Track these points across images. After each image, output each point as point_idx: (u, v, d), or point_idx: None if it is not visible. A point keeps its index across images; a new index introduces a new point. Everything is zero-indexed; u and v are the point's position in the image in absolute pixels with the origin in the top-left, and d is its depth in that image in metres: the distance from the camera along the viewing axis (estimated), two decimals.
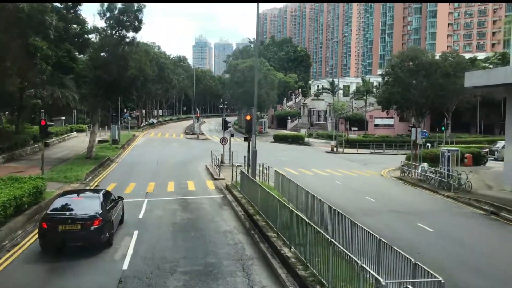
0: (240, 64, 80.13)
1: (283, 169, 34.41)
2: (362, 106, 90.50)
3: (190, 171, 34.47)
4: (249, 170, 26.37)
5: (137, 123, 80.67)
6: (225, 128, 38.16)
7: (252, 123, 25.36)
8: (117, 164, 37.89)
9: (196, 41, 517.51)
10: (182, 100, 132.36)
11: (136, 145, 54.62)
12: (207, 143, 61.85)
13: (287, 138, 67.91)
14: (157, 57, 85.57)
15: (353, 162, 44.95)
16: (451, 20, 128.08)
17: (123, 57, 37.50)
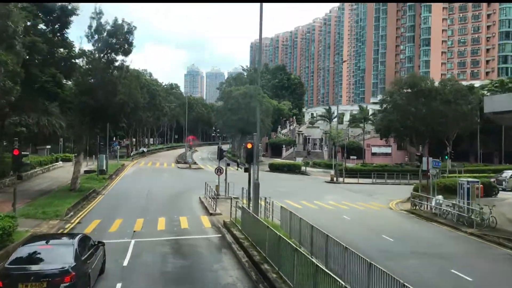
0: (234, 91, 78.02)
1: (284, 201, 31.72)
2: (358, 134, 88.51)
3: (183, 205, 31.56)
4: (249, 204, 23.61)
5: (127, 152, 77.75)
6: (220, 157, 35.56)
7: (253, 152, 22.74)
8: (103, 196, 34.89)
9: (188, 70, 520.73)
10: (174, 128, 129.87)
11: (125, 175, 51.63)
12: (200, 172, 59.00)
13: (283, 167, 65.28)
14: (148, 84, 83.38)
15: (356, 193, 42.28)
16: (445, 49, 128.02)
17: (112, 82, 35.01)
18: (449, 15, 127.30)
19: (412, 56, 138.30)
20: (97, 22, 35.51)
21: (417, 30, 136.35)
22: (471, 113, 64.20)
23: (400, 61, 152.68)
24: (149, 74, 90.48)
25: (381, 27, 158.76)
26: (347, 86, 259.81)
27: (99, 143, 45.64)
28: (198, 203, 32.38)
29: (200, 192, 36.25)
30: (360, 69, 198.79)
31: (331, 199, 36.58)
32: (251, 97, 76.96)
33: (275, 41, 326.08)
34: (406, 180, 54.56)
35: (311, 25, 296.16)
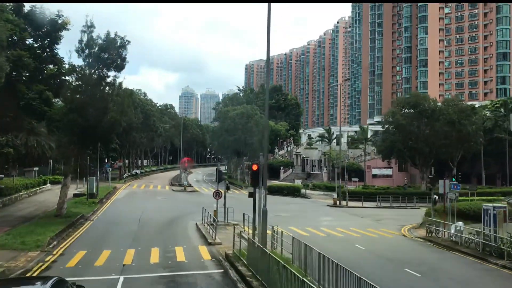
0: (231, 111, 75.88)
1: (288, 228, 29.21)
2: (358, 155, 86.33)
3: (178, 232, 28.83)
4: (254, 234, 21.03)
5: (119, 174, 74.93)
6: (219, 179, 33.01)
7: (259, 174, 20.26)
8: (92, 223, 32.10)
9: (182, 91, 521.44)
10: (168, 149, 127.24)
11: (117, 199, 48.81)
12: (196, 196, 56.29)
13: (283, 189, 62.69)
14: (142, 103, 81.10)
15: (363, 218, 39.72)
16: (442, 69, 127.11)
17: (103, 99, 32.63)
18: (445, 36, 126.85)
19: (409, 77, 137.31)
20: (88, 36, 33.32)
21: (413, 51, 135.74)
22: (475, 133, 62.24)
23: (396, 82, 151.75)
24: (143, 94, 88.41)
25: (376, 49, 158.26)
26: (342, 107, 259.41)
27: (89, 164, 43.04)
28: (195, 230, 29.66)
29: (197, 218, 33.64)
30: (356, 90, 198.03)
31: (338, 225, 34.00)
32: (248, 117, 74.90)
33: (270, 63, 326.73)
34: (411, 203, 52.18)
35: (306, 47, 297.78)
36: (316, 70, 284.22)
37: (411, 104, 63.25)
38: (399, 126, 62.34)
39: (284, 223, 31.93)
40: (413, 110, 63.61)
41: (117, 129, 33.82)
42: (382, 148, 65.29)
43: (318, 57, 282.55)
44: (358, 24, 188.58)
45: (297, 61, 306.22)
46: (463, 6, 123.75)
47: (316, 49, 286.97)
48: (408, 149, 62.27)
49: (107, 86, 33.75)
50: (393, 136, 63.20)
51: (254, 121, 74.89)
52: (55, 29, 35.46)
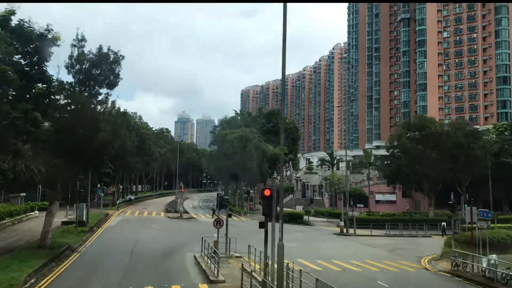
0: (229, 135, 73.18)
1: (296, 260, 26.25)
2: (360, 180, 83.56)
3: (175, 266, 25.70)
4: (266, 272, 18.06)
5: (112, 199, 71.57)
6: (221, 206, 29.98)
7: (273, 201, 17.40)
8: (79, 255, 28.89)
9: (178, 117, 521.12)
10: (164, 174, 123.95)
11: (108, 227, 45.51)
12: (193, 223, 53.09)
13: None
14: (137, 127, 78.35)
15: (375, 248, 36.68)
16: (442, 94, 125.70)
17: (93, 118, 29.90)
18: (444, 61, 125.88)
19: (408, 101, 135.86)
20: (79, 51, 30.83)
21: (412, 76, 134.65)
22: (484, 157, 59.78)
23: (394, 106, 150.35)
24: (139, 117, 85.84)
25: (374, 73, 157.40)
26: (339, 132, 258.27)
27: (79, 190, 39.99)
28: (193, 264, 26.51)
29: (195, 248, 30.59)
30: (353, 115, 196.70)
31: (351, 256, 30.97)
32: (247, 141, 72.19)
33: (266, 89, 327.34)
34: (422, 231, 49.20)
35: (301, 73, 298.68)
36: (312, 95, 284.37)
37: (417, 127, 61.01)
38: (405, 150, 59.94)
39: (291, 254, 28.90)
40: (419, 133, 61.35)
41: (109, 151, 30.97)
42: (388, 173, 62.63)
43: (313, 83, 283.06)
44: (354, 49, 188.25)
45: (293, 86, 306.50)
46: (462, 30, 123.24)
47: (312, 75, 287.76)
48: (414, 173, 59.66)
49: (99, 105, 31.06)
50: (399, 160, 60.67)
51: (253, 144, 72.19)
52: (44, 44, 32.92)
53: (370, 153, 78.52)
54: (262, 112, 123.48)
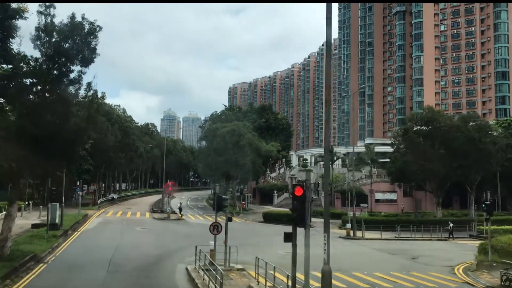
0: (221, 129, 68.00)
1: (310, 273, 21.13)
2: (358, 178, 78.98)
3: (163, 283, 20.61)
4: None
5: (93, 198, 65.97)
6: (219, 208, 24.78)
7: (306, 203, 12.46)
8: (45, 267, 23.59)
9: (164, 114, 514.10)
10: (149, 172, 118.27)
11: (86, 230, 40.05)
12: (182, 225, 47.89)
13: (282, 217, 54.51)
14: (121, 120, 72.73)
15: (394, 255, 31.94)
16: (438, 89, 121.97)
17: (64, 101, 24.61)
18: (441, 55, 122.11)
19: (403, 97, 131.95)
20: (47, 19, 25.48)
21: (407, 71, 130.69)
22: (497, 153, 55.54)
23: (388, 103, 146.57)
24: (122, 110, 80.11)
25: (367, 69, 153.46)
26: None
27: (50, 188, 34.55)
28: (186, 280, 21.39)
29: (187, 258, 25.69)
30: (344, 112, 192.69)
31: (372, 267, 26.15)
32: (240, 136, 67.11)
33: (254, 86, 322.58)
34: (436, 233, 44.61)
35: (290, 70, 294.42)
36: (301, 93, 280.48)
37: (425, 121, 56.51)
38: (412, 145, 55.39)
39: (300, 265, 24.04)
40: (427, 127, 56.92)
41: (83, 141, 25.58)
42: (393, 170, 57.99)
43: (302, 80, 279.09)
44: (346, 44, 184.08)
45: (281, 84, 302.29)
46: (460, 23, 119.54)
47: (301, 72, 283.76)
48: (421, 171, 55.18)
49: (70, 85, 25.71)
50: (404, 156, 56.16)
51: (246, 139, 67.15)
52: (8, 16, 27.45)
53: (373, 149, 73.91)
54: (253, 107, 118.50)
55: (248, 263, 24.98)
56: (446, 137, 55.02)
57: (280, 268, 20.26)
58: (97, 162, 64.32)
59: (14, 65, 27.65)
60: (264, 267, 19.94)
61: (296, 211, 12.77)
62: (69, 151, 24.68)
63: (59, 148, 24.02)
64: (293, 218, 13.11)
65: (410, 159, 54.88)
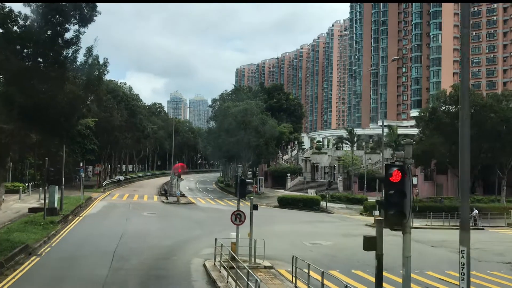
0: (232, 108, 63.98)
1: (351, 272, 17.60)
2: (375, 161, 75.04)
3: (175, 282, 16.93)
4: None
5: (98, 180, 62.46)
6: (242, 194, 20.87)
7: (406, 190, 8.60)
8: (37, 261, 20.00)
9: (171, 96, 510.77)
10: (157, 153, 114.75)
11: (88, 215, 36.47)
12: (193, 210, 44.29)
13: (298, 202, 50.94)
14: (127, 98, 68.80)
15: (436, 247, 28.16)
16: (457, 69, 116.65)
17: (58, 65, 20.71)
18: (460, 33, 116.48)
19: (420, 78, 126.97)
20: None
21: (424, 50, 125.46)
22: None
23: (402, 84, 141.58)
24: (129, 88, 76.20)
25: (381, 49, 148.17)
26: (337, 113, 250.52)
27: (47, 168, 30.81)
28: (205, 280, 17.68)
29: (202, 249, 22.09)
30: (355, 94, 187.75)
31: (419, 264, 22.30)
32: (253, 115, 63.14)
33: (261, 68, 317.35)
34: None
35: (299, 52, 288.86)
36: (309, 75, 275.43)
37: (454, 99, 52.13)
38: (440, 126, 51.17)
39: (343, 264, 20.43)
40: (455, 106, 52.58)
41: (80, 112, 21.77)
42: (419, 152, 53.78)
43: (311, 62, 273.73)
44: (358, 24, 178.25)
45: (290, 65, 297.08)
46: None
47: (310, 53, 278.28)
48: (451, 153, 51.05)
49: (66, 48, 21.77)
50: (433, 138, 51.98)
51: (260, 119, 63.15)
52: None
53: (396, 130, 69.69)
54: (263, 87, 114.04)
55: (275, 258, 21.35)
56: (478, 117, 50.76)
57: (314, 265, 16.61)
58: (102, 142, 60.66)
59: (5, 29, 23.64)
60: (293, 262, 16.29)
61: (392, 206, 8.77)
62: (64, 124, 20.84)
63: (52, 120, 20.21)
64: (388, 216, 9.09)
65: (438, 141, 50.75)
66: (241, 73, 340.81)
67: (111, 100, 60.04)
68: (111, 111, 58.78)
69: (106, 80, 65.51)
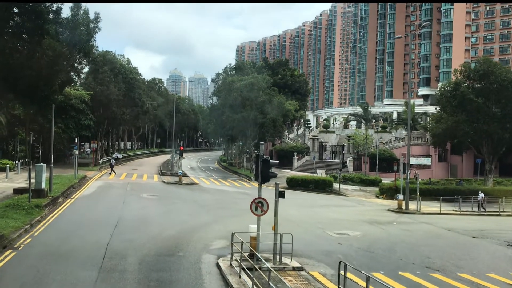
0: (237, 82, 59.83)
1: (398, 273, 13.90)
2: (387, 140, 71.27)
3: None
4: None
5: (94, 158, 58.65)
6: (266, 177, 16.88)
7: None
8: (12, 258, 16.24)
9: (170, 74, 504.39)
10: (156, 130, 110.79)
11: (81, 196, 32.67)
12: (197, 191, 40.57)
13: (309, 183, 47.23)
14: (125, 70, 64.46)
15: (478, 238, 24.40)
16: (468, 46, 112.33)
17: (36, 15, 16.63)
18: (473, 8, 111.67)
19: (429, 55, 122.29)
20: None
21: (434, 26, 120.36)
22: None
23: (410, 61, 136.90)
24: (127, 60, 71.64)
25: (388, 25, 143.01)
26: (339, 91, 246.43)
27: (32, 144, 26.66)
28: (217, 284, 13.95)
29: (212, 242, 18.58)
30: (360, 72, 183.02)
31: (472, 262, 18.72)
32: (259, 91, 59.05)
33: (262, 45, 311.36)
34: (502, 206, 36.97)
35: (300, 29, 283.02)
36: (311, 52, 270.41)
37: (479, 74, 48.15)
38: (464, 102, 47.23)
39: (384, 263, 16.76)
40: (480, 82, 48.67)
41: (63, 72, 17.72)
42: (439, 131, 49.98)
43: (313, 39, 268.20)
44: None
45: (291, 43, 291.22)
46: None
47: (312, 31, 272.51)
48: (475, 131, 47.37)
49: None
50: (456, 115, 48.07)
51: (267, 94, 59.09)
52: None
53: (413, 106, 65.60)
54: (267, 62, 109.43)
55: (301, 254, 17.68)
56: (504, 93, 46.94)
57: (348, 263, 12.97)
58: (98, 118, 56.78)
59: None
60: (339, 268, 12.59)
61: None
62: (44, 89, 16.83)
63: (28, 84, 16.19)
64: None
65: (462, 119, 46.91)
66: (241, 50, 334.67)
67: (108, 72, 55.92)
68: (108, 84, 54.73)
69: (102, 51, 61.39)
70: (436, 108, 56.73)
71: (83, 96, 53.27)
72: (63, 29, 17.72)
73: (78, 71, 19.68)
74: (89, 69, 52.10)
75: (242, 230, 17.09)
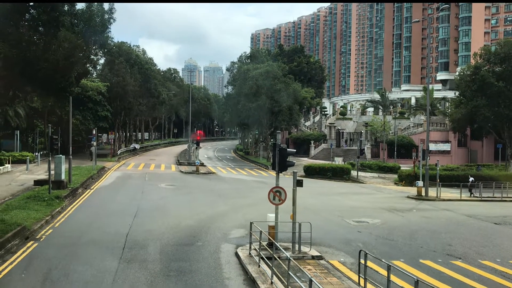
0: (253, 70, 59.54)
1: (419, 262, 13.76)
2: (405, 127, 70.40)
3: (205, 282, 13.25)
4: None
5: (112, 149, 59.18)
6: (283, 166, 16.60)
7: None
8: (34, 249, 16.48)
9: (185, 64, 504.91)
10: (173, 120, 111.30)
11: (100, 187, 33.02)
12: (215, 181, 40.67)
13: (326, 171, 46.95)
14: (140, 62, 64.63)
15: (500, 225, 24.02)
16: (488, 29, 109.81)
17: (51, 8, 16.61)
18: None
19: (447, 39, 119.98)
20: None
21: (452, 9, 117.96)
22: None
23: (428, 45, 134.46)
24: (142, 51, 71.85)
25: (404, 9, 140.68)
26: (355, 78, 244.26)
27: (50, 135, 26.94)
28: (238, 276, 13.95)
29: (231, 231, 18.59)
30: (377, 57, 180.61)
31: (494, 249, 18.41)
32: (274, 79, 58.71)
33: (277, 32, 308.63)
34: None
35: (316, 15, 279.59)
36: (327, 39, 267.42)
37: (500, 57, 47.06)
38: (484, 86, 46.27)
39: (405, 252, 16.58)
40: (500, 65, 47.56)
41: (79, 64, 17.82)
42: (459, 116, 49.13)
43: (329, 25, 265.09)
44: None
45: (306, 29, 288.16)
46: None
47: (327, 17, 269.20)
48: (496, 116, 46.44)
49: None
50: (476, 100, 47.13)
51: (283, 82, 58.71)
52: None
53: (432, 91, 64.56)
54: (283, 49, 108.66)
55: (320, 243, 17.58)
56: None
57: (368, 251, 12.84)
58: (115, 109, 57.14)
59: None
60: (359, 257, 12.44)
61: None
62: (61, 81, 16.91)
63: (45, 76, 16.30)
64: None
65: (483, 103, 46.00)
66: (256, 38, 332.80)
67: (123, 64, 56.16)
68: (124, 75, 54.98)
69: (117, 42, 61.61)
70: (455, 93, 55.76)
71: (100, 88, 53.63)
72: (78, 21, 17.77)
73: (94, 62, 19.73)
74: (105, 60, 52.35)
75: (260, 219, 17.08)
